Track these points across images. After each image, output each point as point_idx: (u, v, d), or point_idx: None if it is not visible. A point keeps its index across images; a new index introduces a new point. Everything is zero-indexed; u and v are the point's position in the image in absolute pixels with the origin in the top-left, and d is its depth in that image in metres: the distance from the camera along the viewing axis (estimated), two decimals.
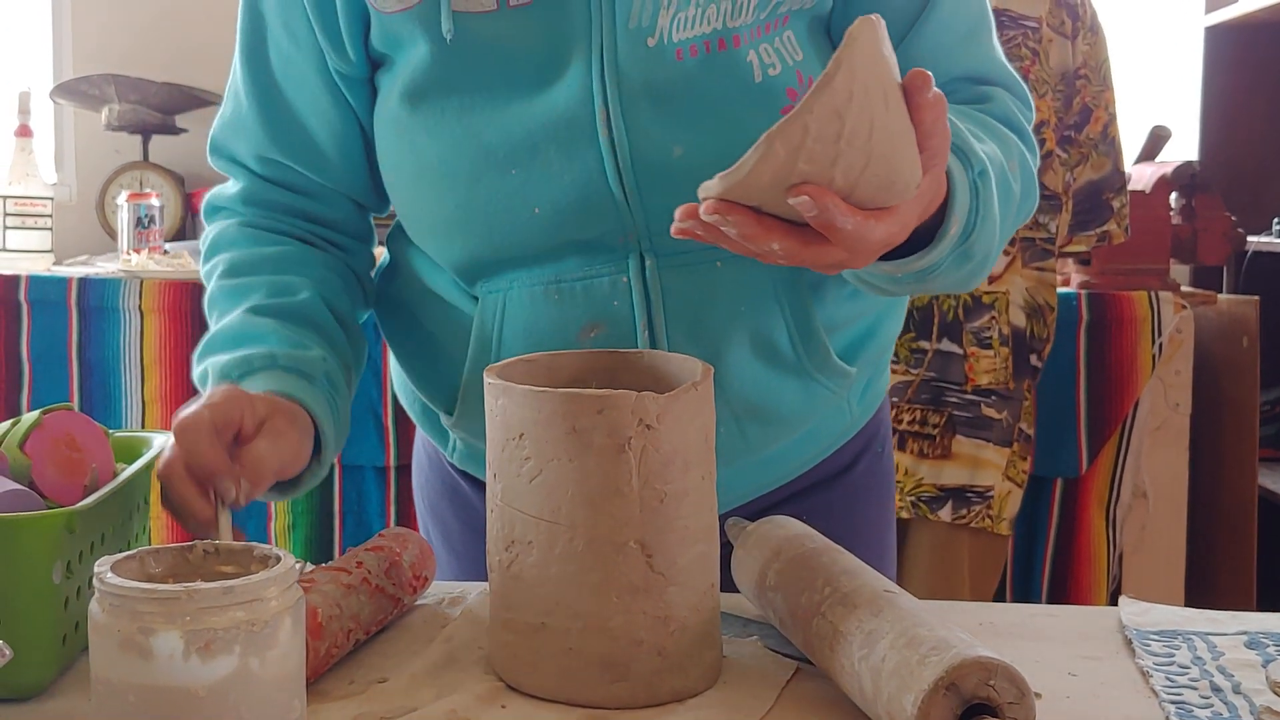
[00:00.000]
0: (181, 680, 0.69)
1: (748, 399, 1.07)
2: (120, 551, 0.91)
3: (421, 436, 1.25)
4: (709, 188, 0.81)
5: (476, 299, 1.08)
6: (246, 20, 1.11)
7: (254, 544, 0.79)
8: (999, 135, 1.03)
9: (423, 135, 1.05)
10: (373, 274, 1.20)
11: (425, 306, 1.13)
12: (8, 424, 0.95)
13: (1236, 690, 0.86)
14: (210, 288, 1.12)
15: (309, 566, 0.99)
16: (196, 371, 1.06)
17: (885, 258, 0.91)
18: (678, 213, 0.84)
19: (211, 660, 0.70)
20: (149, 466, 0.99)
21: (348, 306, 1.13)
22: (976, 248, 0.96)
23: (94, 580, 0.72)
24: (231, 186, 1.15)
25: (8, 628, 0.82)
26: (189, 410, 0.91)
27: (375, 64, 1.09)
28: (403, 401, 1.23)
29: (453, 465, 1.20)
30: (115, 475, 0.96)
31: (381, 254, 1.20)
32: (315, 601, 0.88)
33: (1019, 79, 1.11)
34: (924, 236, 0.91)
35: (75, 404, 2.45)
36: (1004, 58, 1.11)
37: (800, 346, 1.07)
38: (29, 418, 0.94)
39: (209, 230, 1.15)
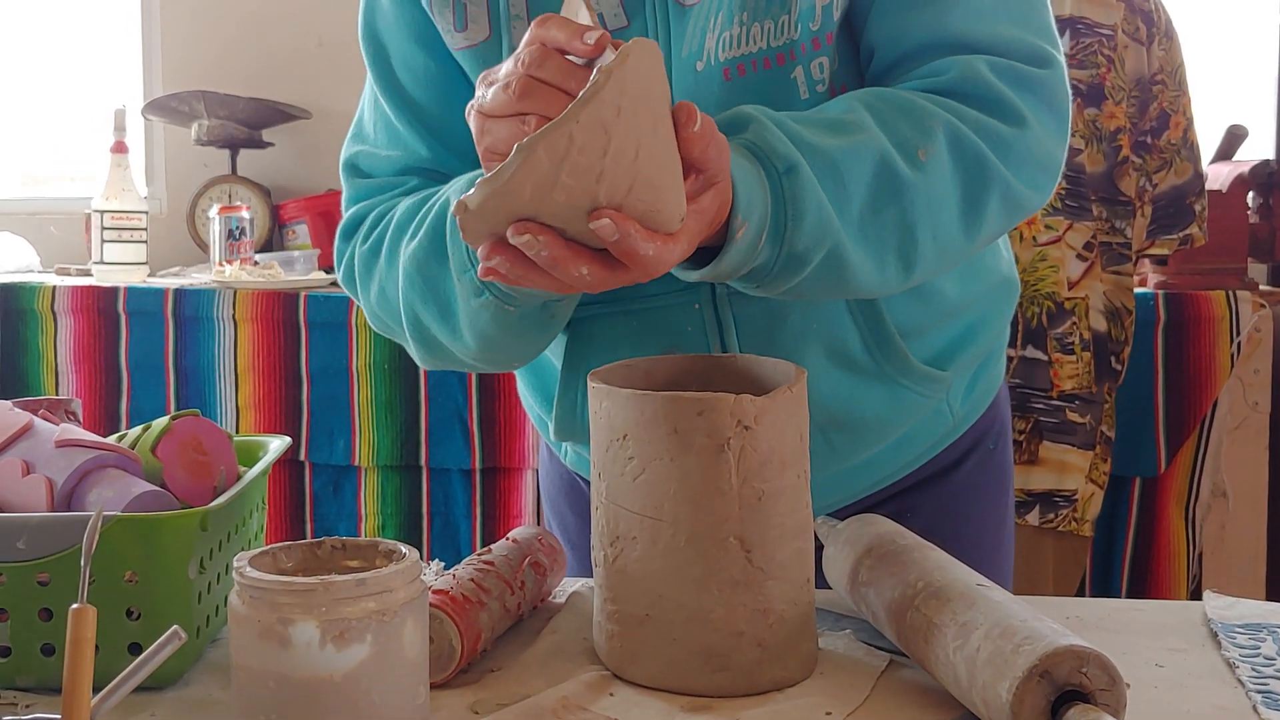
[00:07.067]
0: (318, 667, 0.74)
1: (829, 409, 1.07)
2: (243, 549, 0.97)
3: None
4: (470, 198, 0.77)
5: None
6: (369, 48, 1.10)
7: (377, 539, 0.83)
8: (914, 118, 0.92)
9: None
10: None
11: None
12: (139, 429, 1.00)
13: None
14: (397, 213, 1.03)
15: (440, 564, 1.04)
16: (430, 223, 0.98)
17: (696, 267, 0.89)
18: (480, 253, 0.81)
19: (345, 648, 0.74)
20: (266, 471, 1.03)
21: None
22: (803, 245, 0.88)
23: (234, 574, 0.77)
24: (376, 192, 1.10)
25: (149, 621, 0.87)
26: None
27: None
28: (525, 406, 1.25)
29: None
30: (239, 478, 1.01)
31: None
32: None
33: (1027, 38, 0.96)
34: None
35: (171, 410, 2.53)
36: (1014, 15, 0.97)
37: (876, 351, 1.06)
38: (159, 423, 0.99)
39: (362, 208, 1.09)
